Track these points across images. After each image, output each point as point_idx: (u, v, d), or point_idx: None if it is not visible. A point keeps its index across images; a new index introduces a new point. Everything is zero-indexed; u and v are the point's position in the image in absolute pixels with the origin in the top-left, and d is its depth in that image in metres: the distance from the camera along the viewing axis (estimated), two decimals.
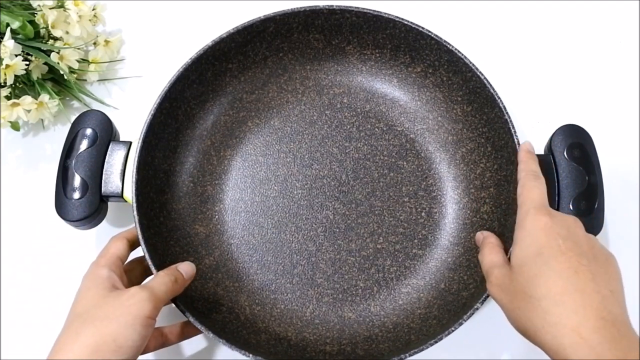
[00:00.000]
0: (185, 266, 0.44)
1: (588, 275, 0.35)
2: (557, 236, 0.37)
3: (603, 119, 0.57)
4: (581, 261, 0.36)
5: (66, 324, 0.39)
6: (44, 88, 0.54)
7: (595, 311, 0.34)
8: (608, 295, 0.35)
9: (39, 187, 0.54)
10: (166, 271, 0.42)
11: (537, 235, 0.38)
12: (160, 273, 0.42)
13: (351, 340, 0.48)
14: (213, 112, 0.53)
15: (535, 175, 0.43)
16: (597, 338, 0.33)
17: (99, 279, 0.41)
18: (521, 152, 0.45)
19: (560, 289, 0.35)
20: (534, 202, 0.40)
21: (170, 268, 0.43)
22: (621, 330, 0.33)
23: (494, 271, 0.40)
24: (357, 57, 0.54)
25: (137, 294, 0.39)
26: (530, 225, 0.39)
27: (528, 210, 0.40)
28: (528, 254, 0.37)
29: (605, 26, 0.61)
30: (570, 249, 0.36)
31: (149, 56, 0.60)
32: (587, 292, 0.34)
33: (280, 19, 0.51)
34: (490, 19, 0.61)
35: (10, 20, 0.52)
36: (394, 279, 0.50)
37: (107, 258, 0.43)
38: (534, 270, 0.36)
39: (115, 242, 0.44)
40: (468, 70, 0.49)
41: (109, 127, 0.49)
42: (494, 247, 0.43)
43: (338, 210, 0.52)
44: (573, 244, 0.37)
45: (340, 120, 0.54)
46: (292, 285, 0.50)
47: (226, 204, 0.52)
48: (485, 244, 0.44)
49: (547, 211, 0.39)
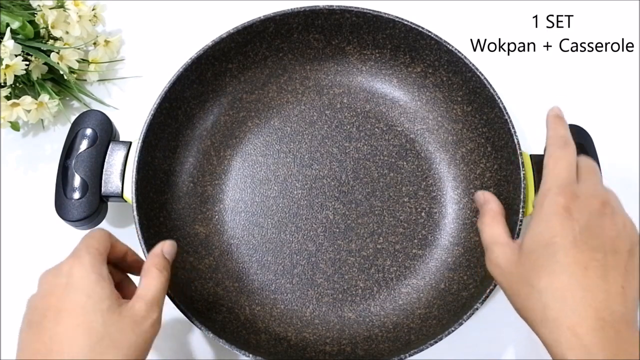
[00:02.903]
0: (169, 248, 0.41)
1: (598, 272, 0.33)
2: (574, 224, 0.34)
3: (603, 119, 0.57)
4: (594, 256, 0.34)
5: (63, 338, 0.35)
6: (44, 88, 0.54)
7: (595, 311, 0.33)
8: (617, 293, 0.33)
9: (39, 187, 0.54)
10: (158, 267, 0.39)
11: (552, 222, 0.35)
12: (153, 272, 0.38)
13: (351, 340, 0.48)
14: (213, 112, 0.53)
15: (564, 142, 0.39)
16: (592, 339, 0.32)
17: (95, 290, 0.35)
18: (549, 117, 0.41)
19: (563, 284, 0.34)
20: (558, 178, 0.36)
21: (161, 260, 0.40)
22: (621, 332, 0.32)
23: (495, 249, 0.38)
24: (357, 57, 0.54)
25: (148, 316, 0.36)
26: (547, 208, 0.35)
27: (550, 189, 0.36)
28: (539, 240, 0.35)
29: (605, 26, 0.61)
30: (585, 241, 0.34)
31: (149, 56, 0.60)
32: (591, 290, 0.33)
33: (280, 19, 0.51)
34: (490, 19, 0.61)
35: (10, 20, 0.52)
36: (394, 279, 0.50)
37: (95, 253, 0.37)
38: (541, 261, 0.35)
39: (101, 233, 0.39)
40: (468, 70, 0.49)
41: (109, 127, 0.49)
42: (495, 217, 0.40)
43: (338, 210, 0.52)
44: (590, 234, 0.34)
45: (340, 121, 0.54)
46: (292, 285, 0.50)
47: (226, 204, 0.52)
48: (486, 211, 0.40)
49: (570, 192, 0.36)
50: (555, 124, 0.40)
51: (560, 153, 0.38)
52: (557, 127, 0.40)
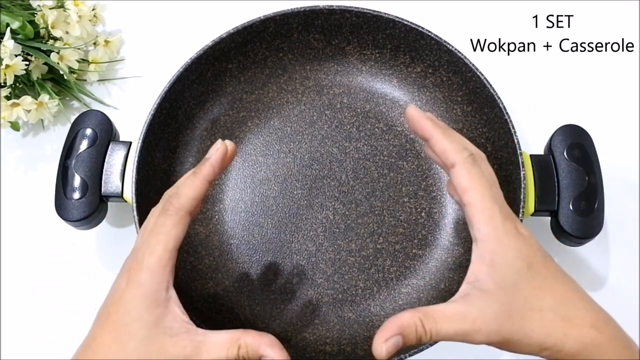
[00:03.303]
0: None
1: (565, 273, 0.35)
2: (527, 240, 0.34)
3: (603, 119, 0.57)
4: (553, 260, 0.35)
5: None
6: (44, 88, 0.54)
7: (594, 303, 0.34)
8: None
9: (39, 187, 0.54)
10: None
11: (516, 247, 0.33)
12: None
13: (351, 340, 0.48)
14: (213, 112, 0.53)
15: (472, 157, 0.35)
16: (609, 330, 0.33)
17: (142, 316, 0.33)
18: (421, 120, 0.36)
19: (564, 291, 0.34)
20: (492, 199, 0.34)
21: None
22: (610, 317, 0.34)
23: (469, 325, 0.32)
24: (357, 57, 0.54)
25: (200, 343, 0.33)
26: (505, 236, 0.33)
27: (493, 216, 0.33)
28: (516, 269, 0.33)
29: (605, 26, 0.61)
30: (542, 250, 0.34)
31: (149, 56, 0.60)
32: (577, 288, 0.34)
33: (280, 19, 0.51)
34: (490, 19, 0.61)
35: (10, 20, 0.52)
36: (394, 279, 0.50)
37: (157, 266, 0.34)
38: (532, 284, 0.33)
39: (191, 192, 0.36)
40: (468, 70, 0.49)
41: (109, 127, 0.49)
42: (425, 315, 0.32)
43: (338, 210, 0.52)
44: (539, 245, 0.35)
45: (340, 121, 0.54)
46: (292, 285, 0.50)
47: (226, 204, 0.52)
48: (412, 328, 0.32)
49: (508, 212, 0.34)
50: (443, 134, 0.36)
51: (477, 171, 0.34)
52: (450, 136, 0.36)
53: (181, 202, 0.35)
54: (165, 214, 0.35)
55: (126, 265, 0.35)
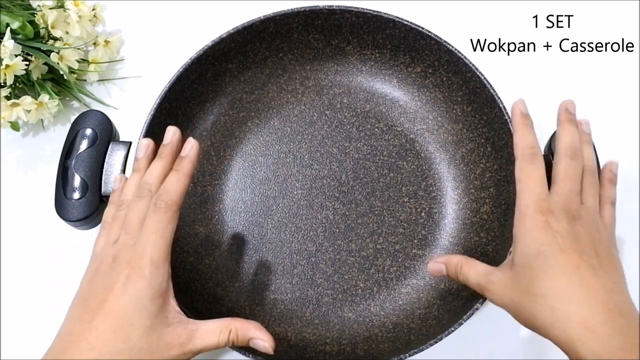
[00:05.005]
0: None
1: (590, 271, 0.35)
2: (556, 234, 0.37)
3: (603, 119, 0.57)
4: (582, 257, 0.36)
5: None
6: (43, 88, 0.54)
7: (602, 303, 0.34)
8: (612, 288, 0.35)
9: (39, 187, 0.54)
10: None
11: (536, 235, 0.37)
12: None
13: (351, 340, 0.48)
14: (213, 112, 0.53)
15: (532, 154, 0.40)
16: (605, 330, 0.33)
17: (145, 306, 0.35)
18: (515, 116, 0.41)
19: (564, 285, 0.35)
20: (533, 194, 0.38)
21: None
22: (629, 320, 0.34)
23: (488, 282, 0.39)
24: (357, 57, 0.54)
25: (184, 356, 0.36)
26: (530, 223, 0.38)
27: (528, 206, 0.38)
28: (529, 252, 0.37)
29: (605, 26, 0.61)
30: (569, 246, 0.36)
31: (149, 56, 0.60)
32: (591, 286, 0.35)
33: (280, 19, 0.51)
34: (490, 19, 0.61)
35: (10, 20, 0.52)
36: (393, 279, 0.50)
37: (160, 257, 0.37)
38: (536, 270, 0.36)
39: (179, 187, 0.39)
40: (468, 70, 0.49)
41: (109, 127, 0.49)
42: (467, 261, 0.41)
43: (338, 210, 0.52)
44: (572, 240, 0.37)
45: (340, 121, 0.54)
46: (292, 285, 0.50)
47: (226, 204, 0.52)
48: (455, 264, 0.42)
49: (546, 207, 0.38)
50: (522, 127, 0.41)
51: (531, 167, 0.39)
52: (524, 131, 0.41)
53: (173, 199, 0.38)
54: (159, 211, 0.37)
55: (122, 258, 0.37)
